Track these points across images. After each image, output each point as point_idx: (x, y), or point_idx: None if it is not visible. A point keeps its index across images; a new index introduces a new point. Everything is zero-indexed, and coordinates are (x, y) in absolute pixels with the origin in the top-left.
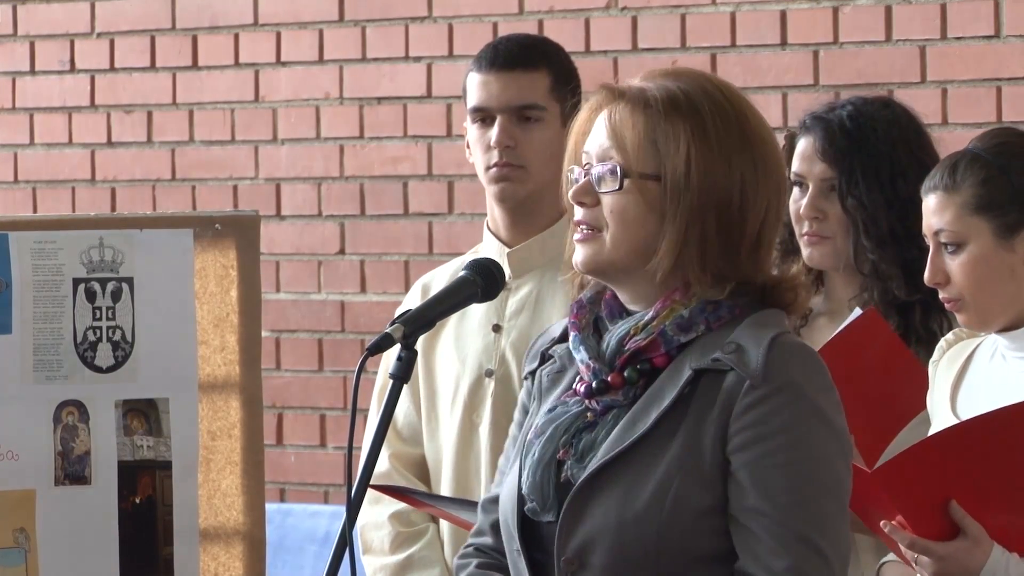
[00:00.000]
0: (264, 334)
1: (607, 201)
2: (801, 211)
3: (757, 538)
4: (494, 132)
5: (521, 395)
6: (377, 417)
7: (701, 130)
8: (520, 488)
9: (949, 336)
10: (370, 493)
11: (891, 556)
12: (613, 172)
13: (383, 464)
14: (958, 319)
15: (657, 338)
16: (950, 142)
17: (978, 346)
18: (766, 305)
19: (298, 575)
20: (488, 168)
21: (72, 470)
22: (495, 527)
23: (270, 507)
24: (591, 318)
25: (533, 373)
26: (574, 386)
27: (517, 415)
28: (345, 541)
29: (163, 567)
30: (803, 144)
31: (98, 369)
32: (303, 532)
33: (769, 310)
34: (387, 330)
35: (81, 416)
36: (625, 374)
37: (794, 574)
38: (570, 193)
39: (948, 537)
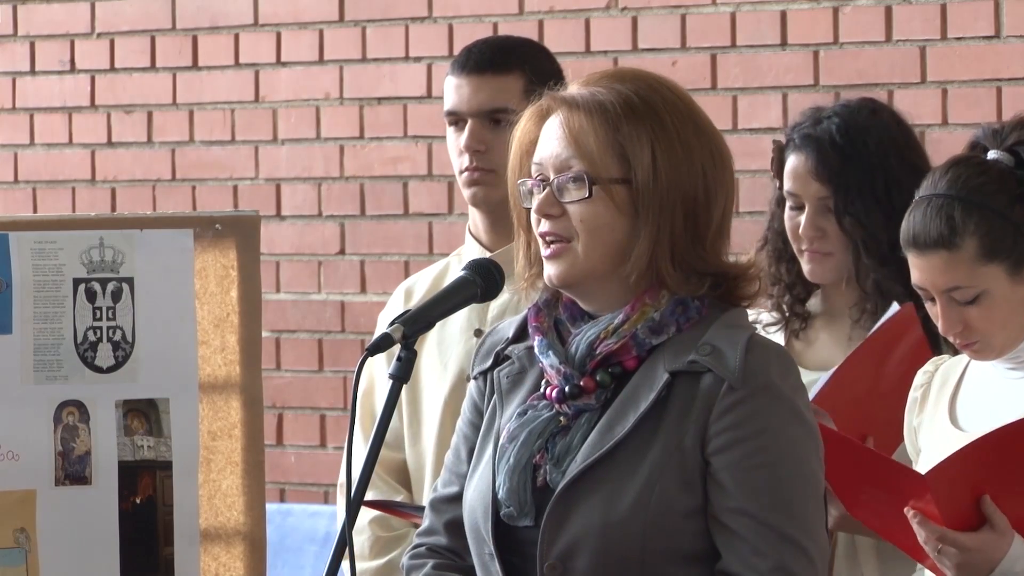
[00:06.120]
0: (264, 334)
1: (575, 210)
2: (801, 231)
3: (741, 538)
4: (464, 136)
5: (471, 395)
6: (359, 421)
7: (662, 129)
8: (495, 493)
9: (928, 367)
10: None
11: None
12: (579, 180)
13: None
14: (973, 357)
15: (629, 341)
16: (950, 143)
17: (970, 362)
18: (727, 297)
19: (298, 575)
20: (461, 172)
21: (72, 470)
22: (450, 527)
23: (270, 507)
24: (551, 321)
25: (485, 373)
26: (544, 390)
27: (468, 414)
28: (344, 542)
29: (163, 567)
30: (795, 162)
31: (98, 369)
32: (303, 532)
33: (734, 310)
34: (387, 330)
35: (81, 416)
36: (597, 378)
37: (780, 573)
38: (534, 206)
39: (973, 529)
